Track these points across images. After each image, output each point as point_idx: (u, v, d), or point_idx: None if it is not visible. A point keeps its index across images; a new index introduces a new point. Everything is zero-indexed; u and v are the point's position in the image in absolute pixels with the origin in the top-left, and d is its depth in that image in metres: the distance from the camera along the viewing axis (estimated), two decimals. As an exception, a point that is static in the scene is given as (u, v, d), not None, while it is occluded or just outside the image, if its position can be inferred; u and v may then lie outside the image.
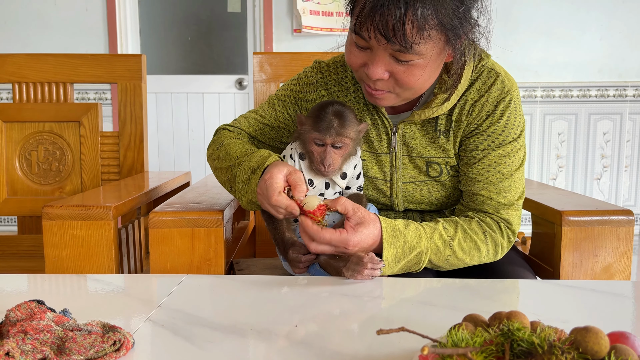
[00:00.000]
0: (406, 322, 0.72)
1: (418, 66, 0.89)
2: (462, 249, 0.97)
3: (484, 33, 0.92)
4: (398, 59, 0.88)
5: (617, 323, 0.72)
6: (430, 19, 0.83)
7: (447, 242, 0.96)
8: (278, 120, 1.12)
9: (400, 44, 0.84)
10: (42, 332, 0.56)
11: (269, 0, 3.46)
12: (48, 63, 1.70)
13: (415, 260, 0.94)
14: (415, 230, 0.94)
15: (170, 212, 1.06)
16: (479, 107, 1.00)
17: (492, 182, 1.01)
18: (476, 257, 0.99)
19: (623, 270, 1.08)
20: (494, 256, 1.01)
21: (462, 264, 0.99)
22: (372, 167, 1.08)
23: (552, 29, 3.49)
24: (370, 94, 0.96)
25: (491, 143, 1.01)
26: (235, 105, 3.69)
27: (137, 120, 1.71)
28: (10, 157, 1.69)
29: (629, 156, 3.63)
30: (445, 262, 0.98)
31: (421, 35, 0.83)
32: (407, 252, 0.93)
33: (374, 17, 0.83)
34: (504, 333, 0.49)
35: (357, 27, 0.87)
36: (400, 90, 0.93)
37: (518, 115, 1.02)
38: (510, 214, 1.02)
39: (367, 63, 0.91)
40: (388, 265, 0.92)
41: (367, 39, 0.87)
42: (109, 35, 3.47)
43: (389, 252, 0.91)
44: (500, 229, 1.01)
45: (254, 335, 0.67)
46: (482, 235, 0.99)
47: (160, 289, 0.85)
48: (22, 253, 1.67)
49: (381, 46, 0.86)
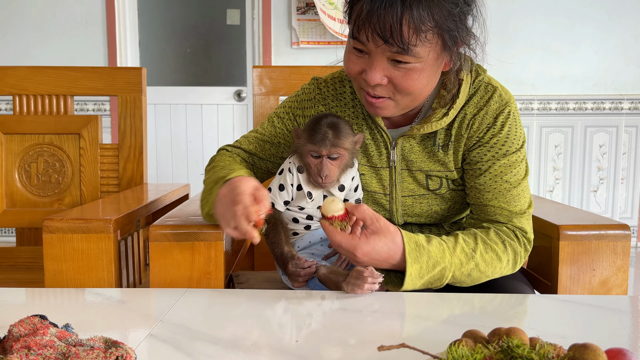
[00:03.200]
0: (406, 337, 0.73)
1: (416, 70, 0.90)
2: (485, 260, 0.96)
3: (478, 41, 0.94)
4: (396, 64, 0.89)
5: (614, 339, 0.73)
6: (427, 20, 0.85)
7: (469, 255, 0.95)
8: (277, 136, 1.13)
9: (398, 45, 0.85)
10: (46, 348, 0.56)
11: (268, 13, 3.49)
12: (48, 76, 1.71)
13: (438, 276, 0.93)
14: (438, 245, 0.94)
15: (170, 226, 1.06)
16: (479, 120, 1.01)
17: (501, 192, 1.01)
18: (497, 268, 0.98)
19: (620, 285, 1.08)
20: (513, 267, 1.01)
21: (484, 277, 0.98)
22: (371, 181, 1.09)
23: (548, 43, 3.53)
24: (370, 103, 0.96)
25: (495, 154, 1.01)
26: (234, 116, 3.70)
27: (137, 132, 1.72)
28: (9, 169, 1.70)
29: (625, 168, 3.66)
30: (468, 277, 0.96)
31: (418, 36, 0.85)
32: (431, 267, 0.92)
33: (371, 19, 0.85)
34: (504, 350, 0.50)
35: (355, 31, 0.89)
36: (400, 96, 0.94)
37: (518, 127, 1.03)
38: (524, 223, 1.02)
39: (365, 69, 0.92)
40: (411, 281, 0.91)
41: (365, 42, 0.89)
42: (109, 47, 3.49)
43: (412, 268, 0.91)
44: (517, 237, 1.01)
45: (255, 350, 0.67)
46: (502, 245, 0.99)
47: (161, 304, 0.86)
48: (20, 265, 1.67)
49: (379, 49, 0.88)
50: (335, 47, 3.44)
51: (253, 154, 1.15)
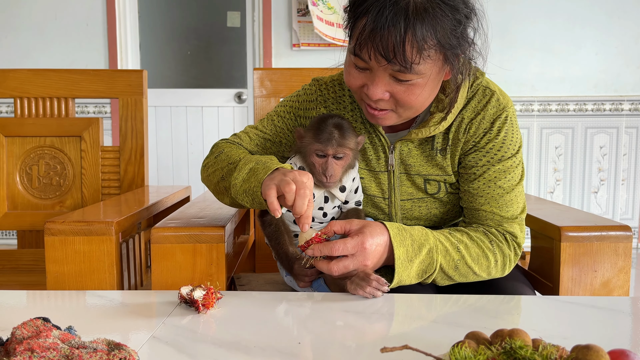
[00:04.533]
0: (408, 338, 0.73)
1: (418, 85, 0.90)
2: (470, 254, 0.97)
3: (480, 51, 0.94)
4: (398, 79, 0.89)
5: (616, 340, 0.73)
6: (430, 39, 0.85)
7: (454, 244, 0.96)
8: (279, 135, 1.13)
9: (401, 64, 0.85)
10: (49, 350, 0.56)
11: (268, 15, 3.49)
12: (50, 78, 1.71)
13: (429, 261, 0.94)
14: (420, 229, 0.96)
15: (172, 228, 1.07)
16: (476, 124, 1.02)
17: (494, 197, 1.02)
18: (485, 266, 0.98)
19: (622, 286, 1.09)
20: (502, 268, 1.01)
21: (472, 275, 0.98)
22: (370, 185, 1.09)
23: (548, 45, 3.53)
24: (371, 114, 0.97)
25: (490, 159, 1.02)
26: (235, 118, 3.71)
27: (138, 134, 1.72)
28: (11, 172, 1.70)
29: (625, 170, 3.66)
30: (456, 269, 0.97)
31: (421, 55, 0.85)
32: (417, 249, 0.93)
33: (374, 38, 0.85)
34: (507, 351, 0.50)
35: (357, 49, 0.88)
36: (402, 109, 0.94)
37: (515, 132, 1.03)
38: (515, 227, 1.03)
39: (366, 84, 0.92)
40: (402, 265, 0.92)
41: (367, 61, 0.88)
42: (109, 49, 3.50)
43: (399, 251, 0.92)
44: (507, 240, 1.01)
45: (258, 352, 0.67)
46: (489, 243, 0.99)
47: (163, 306, 0.86)
48: (22, 267, 1.67)
49: (381, 67, 0.88)
50: (335, 50, 3.44)
51: (254, 153, 1.14)
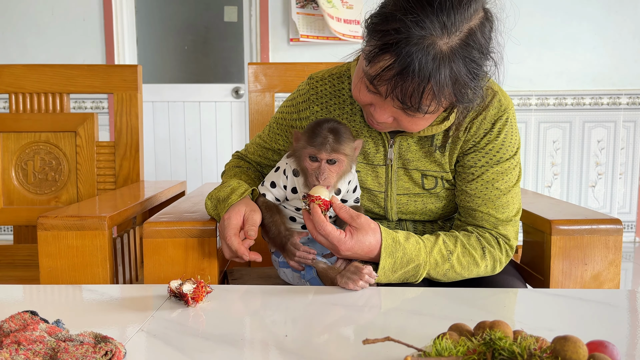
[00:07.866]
0: (394, 331, 0.73)
1: (424, 118, 0.91)
2: (461, 264, 1.00)
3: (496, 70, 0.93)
4: (406, 112, 0.89)
5: (602, 331, 0.74)
6: (447, 90, 0.84)
7: (445, 257, 0.99)
8: (277, 143, 1.16)
9: (414, 109, 0.86)
10: (35, 343, 0.57)
11: (265, 10, 3.48)
12: (45, 74, 1.71)
13: (413, 272, 0.97)
14: (415, 243, 0.97)
15: (164, 222, 1.07)
16: (477, 125, 1.02)
17: (491, 199, 1.03)
18: (474, 272, 1.02)
19: (612, 279, 1.09)
20: (492, 271, 1.04)
21: (460, 278, 1.02)
22: (367, 178, 1.09)
23: (545, 39, 3.53)
24: (372, 124, 0.99)
25: (489, 160, 1.02)
26: (232, 113, 3.71)
27: (133, 130, 1.72)
28: (6, 167, 1.70)
29: (623, 163, 3.66)
30: (444, 276, 1.00)
31: (435, 103, 0.85)
32: (405, 263, 0.95)
33: (395, 84, 0.83)
34: (486, 342, 0.50)
35: (376, 81, 0.86)
36: (403, 129, 0.96)
37: (514, 134, 1.04)
38: (509, 230, 1.04)
39: (374, 104, 0.92)
40: (384, 274, 0.94)
41: (382, 94, 0.88)
42: (106, 45, 3.49)
43: (386, 262, 0.94)
44: (499, 244, 1.03)
45: (245, 345, 0.68)
46: (481, 251, 1.01)
47: (154, 300, 0.86)
48: (17, 262, 1.68)
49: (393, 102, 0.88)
50: (335, 44, 3.44)
51: (257, 163, 1.20)
